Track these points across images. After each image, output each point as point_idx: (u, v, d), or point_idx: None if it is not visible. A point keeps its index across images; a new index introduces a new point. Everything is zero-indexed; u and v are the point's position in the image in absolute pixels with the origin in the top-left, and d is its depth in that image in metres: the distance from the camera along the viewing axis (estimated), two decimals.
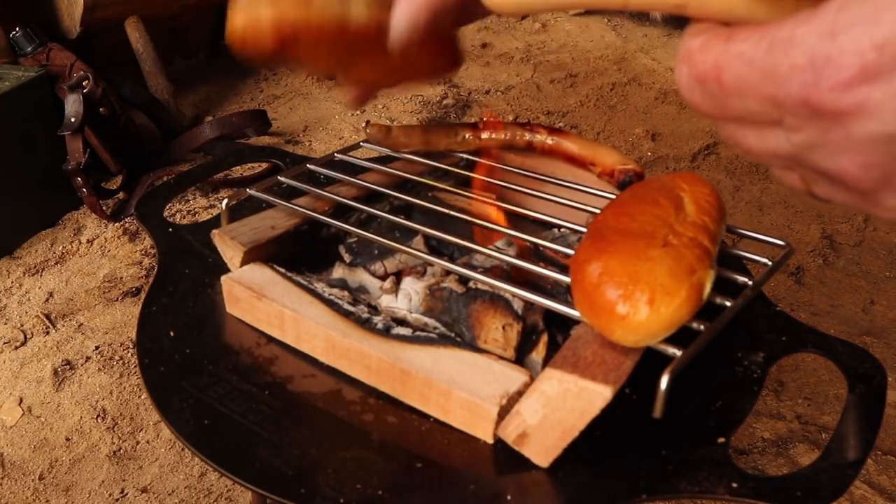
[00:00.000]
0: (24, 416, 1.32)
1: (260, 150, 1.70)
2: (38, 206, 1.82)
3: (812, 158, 0.30)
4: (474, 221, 0.75)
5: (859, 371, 0.68)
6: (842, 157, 0.29)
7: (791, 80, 0.28)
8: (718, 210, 0.64)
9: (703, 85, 0.32)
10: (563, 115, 2.40)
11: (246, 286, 0.73)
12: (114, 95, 1.95)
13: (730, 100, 0.31)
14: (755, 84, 0.30)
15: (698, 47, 0.32)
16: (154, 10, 2.26)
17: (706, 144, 2.19)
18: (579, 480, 0.58)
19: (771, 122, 0.31)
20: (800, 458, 1.22)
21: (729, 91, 0.31)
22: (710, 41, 0.31)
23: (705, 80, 0.31)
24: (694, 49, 0.32)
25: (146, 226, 0.92)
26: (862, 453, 0.59)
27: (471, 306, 0.67)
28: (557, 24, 3.25)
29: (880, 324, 1.53)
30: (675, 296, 0.53)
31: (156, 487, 1.19)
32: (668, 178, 0.67)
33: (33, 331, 1.50)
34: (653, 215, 0.60)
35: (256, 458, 0.60)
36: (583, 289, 0.57)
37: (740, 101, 0.31)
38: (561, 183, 0.84)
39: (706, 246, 0.58)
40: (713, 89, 0.31)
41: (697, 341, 0.56)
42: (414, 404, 0.65)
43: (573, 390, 0.56)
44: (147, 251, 1.74)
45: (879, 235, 1.82)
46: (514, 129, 0.88)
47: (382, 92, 0.77)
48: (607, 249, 0.57)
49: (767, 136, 0.32)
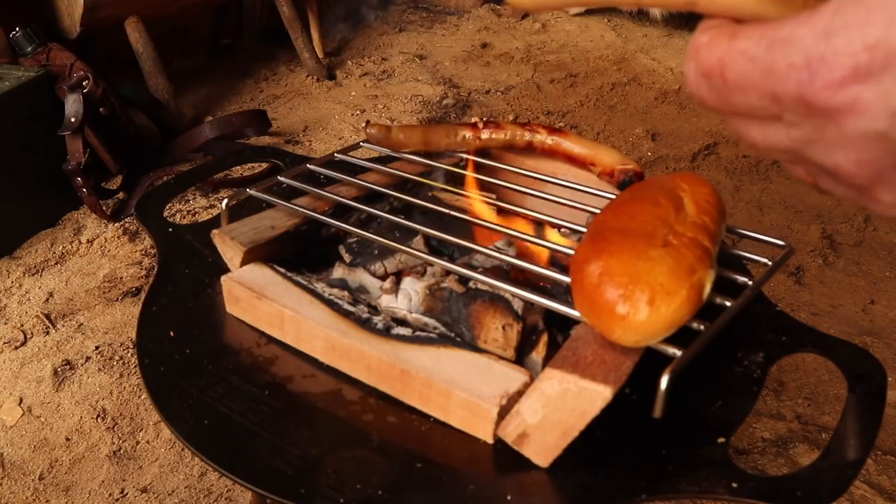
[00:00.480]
0: (24, 416, 1.32)
1: (260, 150, 1.70)
2: (38, 206, 1.82)
3: (810, 153, 0.32)
4: (474, 221, 0.75)
5: (859, 371, 0.68)
6: (836, 152, 0.30)
7: (788, 78, 0.29)
8: (718, 210, 0.64)
9: (708, 80, 0.33)
10: (563, 115, 2.40)
11: (246, 286, 0.73)
12: (114, 95, 1.95)
13: (733, 95, 0.32)
14: (756, 81, 0.31)
15: (705, 43, 0.33)
16: (154, 10, 2.26)
17: (706, 144, 2.19)
18: (579, 480, 0.58)
19: (772, 117, 0.32)
20: (800, 458, 1.22)
21: (732, 87, 0.32)
22: (717, 38, 0.32)
23: (710, 75, 0.32)
24: (701, 45, 0.33)
25: (146, 226, 0.92)
26: (862, 453, 0.59)
27: (471, 306, 0.67)
28: (557, 24, 3.25)
29: (880, 324, 1.53)
30: (676, 296, 0.53)
31: (156, 487, 1.19)
32: (669, 179, 0.66)
33: (33, 331, 1.50)
34: (653, 215, 0.60)
35: (256, 458, 0.60)
36: (583, 289, 0.57)
37: (743, 96, 0.32)
38: (561, 183, 0.84)
39: (706, 246, 0.58)
40: (718, 84, 0.32)
41: (697, 341, 0.56)
42: (414, 404, 0.65)
43: (573, 390, 0.56)
44: (147, 251, 1.74)
45: (879, 235, 1.82)
46: (514, 129, 0.88)
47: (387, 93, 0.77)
48: (607, 249, 0.57)
49: (770, 130, 0.33)
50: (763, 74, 0.30)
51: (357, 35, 3.11)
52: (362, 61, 2.84)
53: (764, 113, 0.32)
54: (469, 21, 3.32)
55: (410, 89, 2.62)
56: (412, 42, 3.08)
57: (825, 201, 1.94)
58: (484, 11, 3.36)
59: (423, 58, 2.91)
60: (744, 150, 2.16)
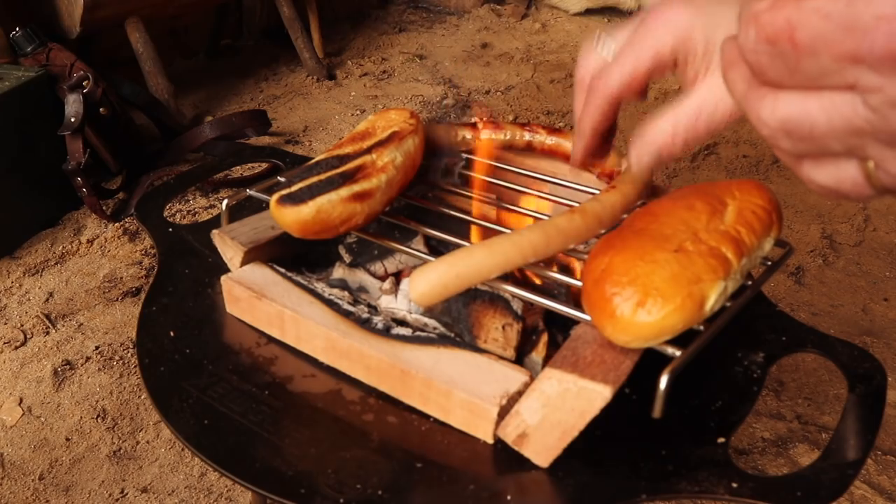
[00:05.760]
0: (24, 416, 1.32)
1: (260, 150, 1.70)
2: (38, 206, 1.82)
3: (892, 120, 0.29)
4: (474, 221, 0.75)
5: (859, 371, 0.68)
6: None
7: (877, 31, 0.27)
8: (764, 224, 0.62)
9: (773, 46, 0.30)
10: (563, 115, 2.40)
11: (246, 286, 0.73)
12: (114, 95, 1.95)
13: (803, 60, 0.29)
14: (834, 40, 0.28)
15: (767, 7, 0.30)
16: (154, 10, 2.26)
17: (706, 144, 2.20)
18: (579, 480, 0.58)
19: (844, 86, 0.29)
20: (800, 458, 1.22)
21: (802, 50, 0.29)
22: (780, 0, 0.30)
23: (776, 40, 0.30)
24: (762, 10, 0.30)
25: (146, 226, 0.92)
26: (862, 453, 0.59)
27: (470, 306, 0.67)
28: (557, 24, 3.25)
29: (880, 324, 1.53)
30: (669, 302, 0.53)
31: (156, 487, 1.19)
32: (725, 184, 0.65)
33: (33, 331, 1.50)
34: (679, 219, 0.59)
35: (256, 458, 0.60)
36: (586, 282, 0.57)
37: (815, 60, 0.29)
38: (561, 183, 0.84)
39: (726, 256, 0.57)
40: (785, 50, 0.30)
41: (697, 341, 0.56)
42: (414, 404, 0.65)
43: (573, 390, 0.56)
44: (147, 251, 1.74)
45: (879, 235, 1.82)
46: (513, 129, 0.88)
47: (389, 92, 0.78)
48: (616, 246, 0.57)
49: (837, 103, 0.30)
50: (843, 31, 0.28)
51: (357, 35, 3.11)
52: (362, 61, 2.84)
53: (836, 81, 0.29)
54: (469, 21, 3.32)
55: (410, 89, 2.62)
56: (412, 42, 3.08)
57: (825, 201, 1.94)
58: (484, 11, 3.36)
59: (423, 58, 2.91)
60: (744, 152, 2.16)
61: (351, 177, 0.66)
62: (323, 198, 0.64)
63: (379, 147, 0.70)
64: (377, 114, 0.78)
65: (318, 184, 0.65)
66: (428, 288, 0.59)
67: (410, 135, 0.73)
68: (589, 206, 0.65)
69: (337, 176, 0.66)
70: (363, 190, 0.66)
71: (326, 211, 0.64)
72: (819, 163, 0.33)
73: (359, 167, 0.67)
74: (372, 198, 0.67)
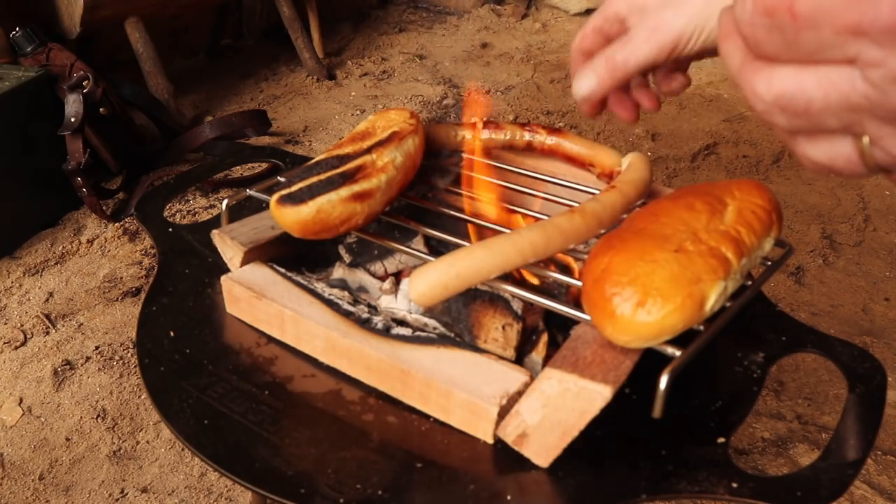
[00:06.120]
0: (24, 416, 1.32)
1: (260, 150, 1.70)
2: (38, 206, 1.82)
3: (891, 97, 0.28)
4: (474, 221, 0.75)
5: (859, 371, 0.68)
6: None
7: (882, 2, 0.26)
8: (764, 224, 0.62)
9: (771, 17, 0.29)
10: (563, 115, 2.40)
11: (246, 286, 0.73)
12: (114, 95, 1.95)
13: (801, 33, 0.28)
14: (836, 12, 0.27)
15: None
16: (154, 10, 2.26)
17: (706, 144, 2.19)
18: (579, 480, 0.58)
19: (843, 60, 0.28)
20: (800, 458, 1.22)
21: (802, 22, 0.28)
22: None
23: (775, 11, 0.29)
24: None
25: (146, 226, 0.92)
26: (862, 453, 0.59)
27: (470, 306, 0.67)
28: (557, 24, 3.25)
29: (880, 324, 1.53)
30: (669, 301, 0.53)
31: (156, 487, 1.19)
32: (724, 184, 0.65)
33: (33, 331, 1.50)
34: (679, 219, 0.59)
35: (256, 458, 0.60)
36: (586, 282, 0.57)
37: (815, 32, 0.28)
38: (561, 183, 0.84)
39: (726, 257, 0.57)
40: (784, 22, 0.29)
41: (697, 341, 0.56)
42: (414, 404, 0.65)
43: (573, 390, 0.56)
44: (147, 251, 1.74)
45: (879, 235, 1.82)
46: (513, 129, 0.88)
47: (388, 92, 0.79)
48: (616, 246, 0.57)
49: (834, 78, 0.29)
50: (846, 3, 0.27)
51: (357, 35, 3.11)
52: (362, 61, 2.84)
53: (835, 54, 0.28)
54: (469, 21, 3.32)
55: (410, 89, 2.62)
56: (412, 42, 3.08)
57: (825, 201, 1.94)
58: (484, 11, 3.36)
59: (423, 58, 2.91)
60: (744, 152, 2.16)
61: (351, 177, 0.66)
62: (323, 198, 0.64)
63: (379, 147, 0.70)
64: (377, 114, 0.78)
65: (318, 184, 0.65)
66: (428, 288, 0.59)
67: (410, 135, 0.73)
68: (589, 206, 0.65)
69: (337, 176, 0.66)
70: (363, 190, 0.66)
71: (326, 211, 0.64)
72: (813, 139, 0.33)
73: (359, 167, 0.67)
74: (372, 198, 0.67)
